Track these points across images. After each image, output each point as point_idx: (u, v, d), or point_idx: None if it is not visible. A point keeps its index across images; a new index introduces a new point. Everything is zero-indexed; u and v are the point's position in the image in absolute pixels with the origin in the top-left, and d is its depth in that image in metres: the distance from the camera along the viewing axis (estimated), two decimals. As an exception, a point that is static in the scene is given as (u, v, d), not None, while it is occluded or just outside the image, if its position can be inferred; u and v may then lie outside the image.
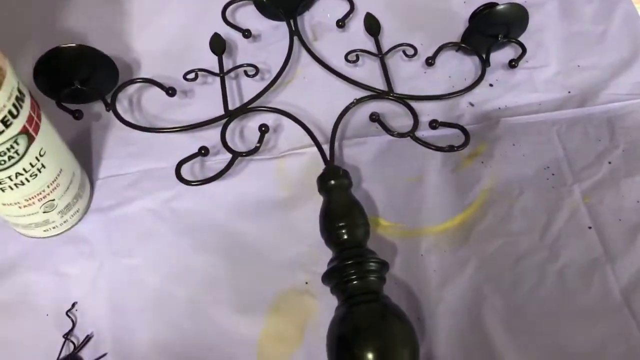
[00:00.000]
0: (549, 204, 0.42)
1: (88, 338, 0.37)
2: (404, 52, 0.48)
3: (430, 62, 0.47)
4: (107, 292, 0.39)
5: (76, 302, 0.39)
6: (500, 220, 0.42)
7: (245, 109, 0.43)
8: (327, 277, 0.35)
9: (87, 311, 0.38)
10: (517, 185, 0.43)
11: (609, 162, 0.44)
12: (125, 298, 0.39)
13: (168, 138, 0.44)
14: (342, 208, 0.37)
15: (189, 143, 0.43)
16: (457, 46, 0.48)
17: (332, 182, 0.38)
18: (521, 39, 0.49)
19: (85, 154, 0.44)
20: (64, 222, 0.40)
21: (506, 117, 0.46)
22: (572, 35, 0.50)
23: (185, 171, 0.42)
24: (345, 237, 0.36)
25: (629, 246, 0.41)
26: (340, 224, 0.36)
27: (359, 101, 0.44)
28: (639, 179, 0.43)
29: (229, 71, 0.46)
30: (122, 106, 0.46)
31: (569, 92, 0.47)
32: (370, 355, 0.31)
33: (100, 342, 0.37)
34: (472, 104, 0.47)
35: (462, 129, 0.43)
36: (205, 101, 0.46)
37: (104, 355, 0.37)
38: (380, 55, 0.47)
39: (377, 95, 0.44)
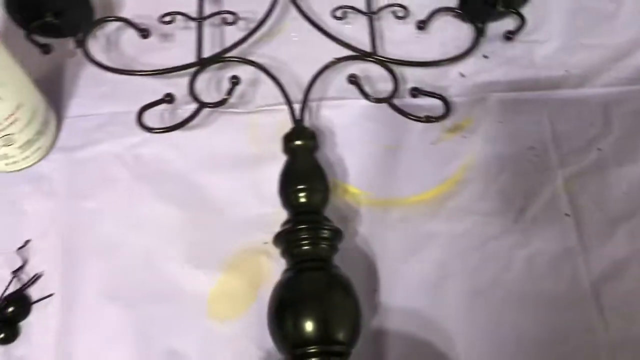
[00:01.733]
0: (528, 186, 0.40)
1: (36, 277, 0.37)
2: (394, 12, 0.46)
3: (420, 25, 0.44)
4: (62, 233, 0.38)
5: (29, 240, 0.38)
6: (474, 199, 0.40)
7: (218, 58, 0.41)
8: (278, 240, 0.34)
9: (40, 250, 0.38)
10: (497, 164, 0.41)
11: (599, 149, 0.42)
12: (79, 241, 0.38)
13: (141, 82, 0.43)
14: (303, 171, 0.36)
15: (163, 90, 0.41)
16: (451, 12, 0.45)
17: (297, 142, 0.37)
18: (525, 10, 0.46)
19: (55, 92, 0.43)
20: (25, 157, 0.39)
21: (496, 92, 0.43)
22: (581, 10, 0.47)
23: (154, 118, 0.41)
24: (303, 200, 0.35)
25: (605, 238, 0.39)
26: (299, 187, 0.35)
27: (338, 60, 0.42)
28: (628, 170, 0.41)
29: (208, 17, 0.44)
30: (99, 45, 0.45)
31: (567, 70, 0.44)
32: (308, 324, 0.30)
33: (49, 282, 0.37)
34: (462, 75, 0.44)
35: (444, 100, 0.41)
36: (185, 47, 0.44)
37: (51, 295, 0.36)
38: (369, 14, 0.44)
39: (358, 56, 0.42)
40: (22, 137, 0.38)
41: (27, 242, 0.38)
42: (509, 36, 0.44)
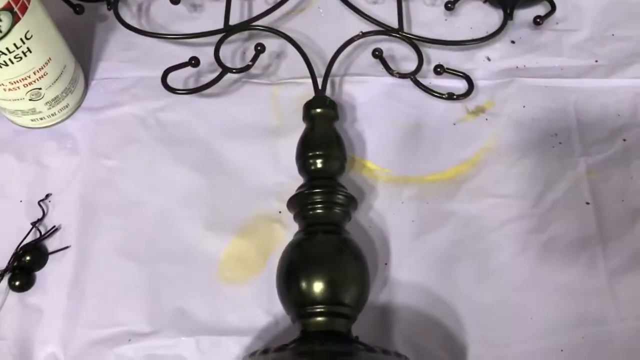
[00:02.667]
0: (550, 172, 0.40)
1: (54, 229, 0.37)
2: (423, -7, 0.46)
3: (449, 6, 0.44)
4: (82, 189, 0.39)
5: (50, 194, 0.39)
6: (493, 181, 0.39)
7: (245, 26, 0.42)
8: (292, 202, 0.34)
9: (59, 204, 0.39)
10: (519, 148, 0.40)
11: (624, 140, 0.41)
12: (98, 198, 0.39)
13: (169, 49, 0.44)
14: (321, 137, 0.36)
15: (189, 57, 0.42)
16: (478, -4, 0.45)
17: (318, 110, 0.37)
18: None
19: (85, 53, 0.44)
20: (52, 114, 0.40)
21: (522, 77, 0.43)
22: (614, 2, 0.46)
23: (178, 83, 0.41)
24: (319, 166, 0.35)
25: (626, 229, 0.38)
26: (317, 153, 0.35)
27: (364, 35, 0.42)
28: (652, 162, 0.40)
29: (237, -15, 0.45)
30: (130, 11, 0.46)
31: (596, 61, 0.44)
32: (316, 284, 0.30)
33: (66, 235, 0.38)
34: (488, 59, 0.44)
35: (467, 78, 0.40)
36: (214, 17, 0.44)
37: (67, 247, 0.37)
38: (397, -9, 0.44)
39: (384, 31, 0.42)
40: (49, 93, 0.39)
41: (47, 195, 0.39)
42: (538, 21, 0.43)
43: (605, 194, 0.39)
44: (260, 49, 0.40)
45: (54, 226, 0.37)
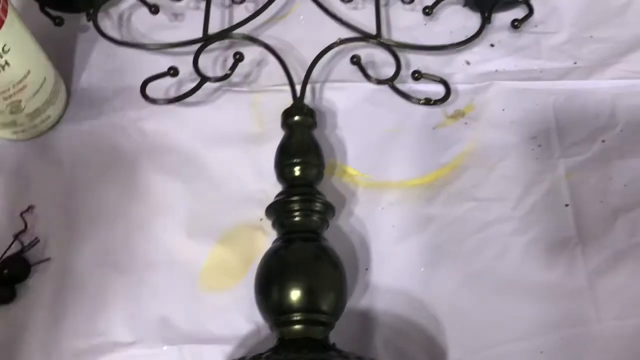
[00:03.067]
0: (529, 175, 0.40)
1: (36, 241, 0.38)
2: (401, -3, 0.46)
3: (427, 11, 0.44)
4: (63, 200, 0.39)
5: (33, 206, 0.39)
6: (473, 185, 0.40)
7: (224, 35, 0.42)
8: (270, 210, 0.35)
9: (42, 216, 0.39)
10: (498, 151, 0.41)
11: (603, 141, 0.41)
12: (79, 208, 0.39)
13: (149, 59, 0.44)
14: (299, 145, 0.36)
15: (169, 66, 0.42)
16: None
17: (295, 118, 0.37)
18: (535, 1, 0.46)
19: (67, 64, 0.44)
20: (33, 126, 0.40)
21: (501, 81, 0.43)
22: (592, 4, 0.47)
23: (159, 93, 0.41)
24: (297, 174, 0.35)
25: (605, 230, 0.38)
26: (294, 161, 0.35)
27: (342, 42, 0.42)
28: (631, 163, 0.40)
29: (216, -5, 0.45)
30: (111, 21, 0.46)
31: (575, 62, 0.44)
32: (294, 292, 0.30)
33: (48, 246, 0.38)
34: (468, 62, 0.44)
35: (444, 83, 0.41)
36: (194, 27, 0.44)
37: (48, 259, 0.37)
38: (376, -3, 0.45)
39: (362, 37, 0.42)
40: (30, 106, 0.39)
41: (30, 207, 0.39)
42: (516, 25, 0.44)
43: (585, 195, 0.39)
44: (238, 57, 0.40)
45: (36, 237, 0.38)
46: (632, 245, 0.38)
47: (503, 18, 0.46)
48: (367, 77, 0.41)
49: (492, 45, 0.45)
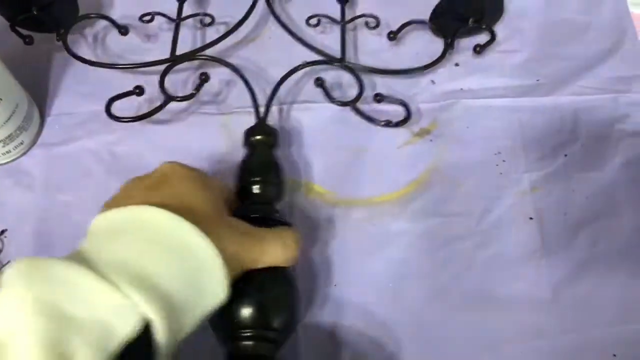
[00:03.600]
0: (493, 190, 0.41)
1: (9, 263, 0.38)
2: (366, 23, 0.47)
3: (391, 36, 0.45)
4: (37, 224, 0.40)
5: (6, 230, 0.40)
6: (439, 201, 0.41)
7: (191, 56, 0.43)
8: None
9: (15, 239, 0.39)
10: (463, 167, 0.42)
11: (565, 155, 0.42)
12: (54, 232, 0.40)
13: (123, 81, 0.44)
14: (260, 163, 0.37)
15: (135, 85, 0.43)
16: (422, 24, 0.46)
17: (257, 137, 0.38)
18: (499, 22, 0.47)
19: (41, 88, 0.45)
20: (6, 152, 0.41)
21: (466, 99, 0.44)
22: (555, 23, 0.48)
23: (129, 113, 0.42)
24: (257, 192, 0.35)
25: (569, 242, 0.39)
26: (255, 179, 0.36)
27: (307, 64, 0.43)
28: (592, 175, 0.41)
29: (185, 18, 0.46)
30: (86, 42, 0.47)
31: (538, 80, 0.45)
32: (245, 309, 0.30)
33: (20, 270, 0.38)
34: (433, 82, 0.45)
35: (404, 105, 0.42)
36: (166, 48, 0.45)
37: (20, 282, 0.37)
38: (341, 23, 0.46)
39: (327, 60, 0.44)
40: (2, 132, 0.40)
41: (3, 231, 0.39)
42: (478, 50, 0.45)
43: (548, 208, 0.40)
44: (204, 78, 0.41)
45: (9, 260, 0.38)
46: (594, 256, 0.39)
47: (467, 39, 0.47)
48: (331, 99, 0.42)
49: (457, 65, 0.46)
